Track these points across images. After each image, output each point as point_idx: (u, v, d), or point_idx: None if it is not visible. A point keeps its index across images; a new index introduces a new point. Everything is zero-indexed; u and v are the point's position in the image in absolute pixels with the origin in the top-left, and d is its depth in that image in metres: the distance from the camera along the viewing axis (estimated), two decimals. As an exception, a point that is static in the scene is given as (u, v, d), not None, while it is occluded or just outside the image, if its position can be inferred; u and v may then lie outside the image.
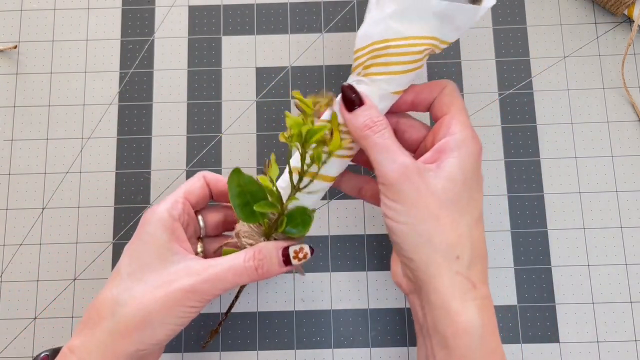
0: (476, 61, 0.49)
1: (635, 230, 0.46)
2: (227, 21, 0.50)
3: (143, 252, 0.35)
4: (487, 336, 0.34)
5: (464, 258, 0.34)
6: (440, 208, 0.34)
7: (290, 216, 0.36)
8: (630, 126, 0.48)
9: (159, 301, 0.33)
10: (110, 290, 0.35)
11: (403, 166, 0.34)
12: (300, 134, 0.34)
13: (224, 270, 0.34)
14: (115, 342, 0.33)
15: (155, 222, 0.36)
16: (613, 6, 0.48)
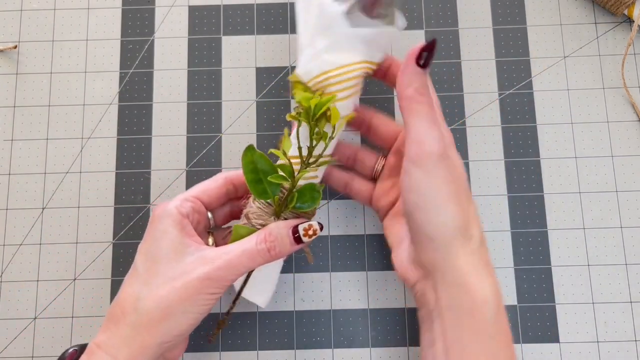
0: (476, 61, 0.49)
1: (635, 230, 0.46)
2: (227, 21, 0.50)
3: (157, 247, 0.36)
4: (501, 313, 0.35)
5: (476, 238, 0.36)
6: (459, 189, 0.35)
7: (300, 192, 0.38)
8: (630, 126, 0.48)
9: (178, 292, 0.35)
10: (130, 287, 0.36)
11: (442, 141, 0.35)
12: (309, 108, 0.36)
13: (238, 256, 0.35)
14: (140, 336, 0.35)
15: (165, 218, 0.37)
16: (613, 6, 0.48)
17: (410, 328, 0.44)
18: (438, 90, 0.48)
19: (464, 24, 0.49)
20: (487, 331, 0.35)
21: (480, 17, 0.50)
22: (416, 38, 0.49)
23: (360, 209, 0.46)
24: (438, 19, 0.50)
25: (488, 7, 0.50)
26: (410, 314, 0.45)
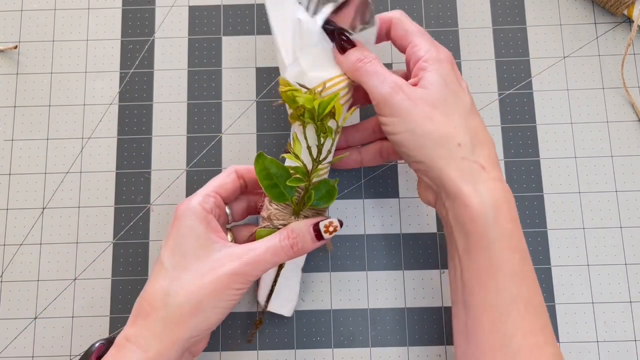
0: (476, 61, 0.49)
1: (635, 230, 0.46)
2: (227, 21, 0.50)
3: (183, 244, 0.37)
4: (502, 218, 0.35)
5: (466, 144, 0.36)
6: (431, 109, 0.37)
7: (316, 189, 0.39)
8: (630, 126, 0.48)
9: (208, 287, 0.35)
10: (158, 283, 0.36)
11: (393, 82, 0.37)
12: (313, 109, 0.37)
13: (263, 252, 0.37)
14: (171, 330, 0.35)
15: (190, 215, 0.37)
16: (613, 6, 0.48)
17: (410, 328, 0.45)
18: (438, 91, 0.48)
19: (464, 24, 0.49)
20: (487, 236, 0.35)
21: (480, 17, 0.50)
22: (416, 38, 0.49)
23: (361, 209, 0.47)
24: (438, 19, 0.50)
25: (488, 7, 0.50)
26: (410, 314, 0.45)
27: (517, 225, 0.36)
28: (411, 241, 0.46)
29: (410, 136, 0.37)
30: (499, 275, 0.35)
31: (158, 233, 0.46)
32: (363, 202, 0.47)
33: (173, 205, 0.47)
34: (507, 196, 0.36)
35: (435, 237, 0.46)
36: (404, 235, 0.46)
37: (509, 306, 0.35)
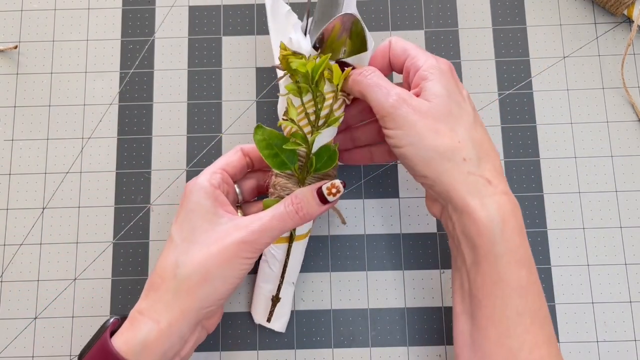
0: (476, 61, 0.49)
1: (635, 230, 0.46)
2: (227, 21, 0.50)
3: (191, 218, 0.38)
4: (508, 232, 0.35)
5: (471, 158, 0.36)
6: (436, 122, 0.37)
7: (317, 155, 0.40)
8: (630, 126, 0.48)
9: (216, 257, 0.36)
10: (168, 256, 0.37)
11: (396, 95, 0.37)
12: (307, 73, 0.37)
13: (269, 219, 0.37)
14: (180, 300, 0.36)
15: (197, 191, 0.38)
16: (613, 6, 0.48)
17: (410, 328, 0.45)
18: (438, 91, 0.48)
19: (464, 24, 0.49)
20: (493, 252, 0.35)
21: (480, 17, 0.50)
22: (416, 38, 0.49)
23: (361, 209, 0.47)
24: (438, 19, 0.50)
25: (488, 7, 0.50)
26: (410, 314, 0.45)
27: (524, 237, 0.37)
28: (411, 241, 0.46)
29: (414, 150, 0.37)
30: (505, 289, 0.35)
31: (158, 233, 0.46)
32: (363, 202, 0.47)
33: (173, 205, 0.47)
34: (514, 209, 0.36)
35: (435, 237, 0.46)
36: (404, 235, 0.46)
37: (516, 320, 0.35)
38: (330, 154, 0.40)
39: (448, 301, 0.45)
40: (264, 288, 0.43)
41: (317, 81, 0.38)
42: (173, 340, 0.36)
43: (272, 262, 0.42)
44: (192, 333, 0.38)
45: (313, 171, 0.40)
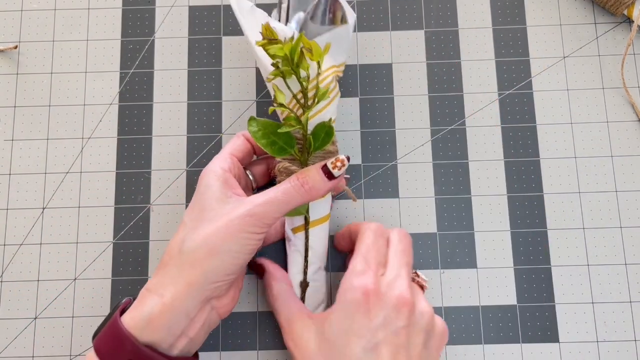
0: (476, 61, 0.49)
1: (635, 230, 0.46)
2: (227, 21, 0.50)
3: (201, 200, 0.38)
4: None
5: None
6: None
7: (314, 135, 0.40)
8: (630, 126, 0.48)
9: (221, 230, 0.36)
10: (177, 236, 0.38)
11: (288, 319, 0.40)
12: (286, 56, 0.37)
13: (274, 193, 0.37)
14: (184, 273, 0.36)
15: (208, 175, 0.39)
16: (613, 6, 0.48)
17: (410, 328, 0.45)
18: (438, 91, 0.48)
19: (464, 24, 0.49)
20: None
21: (480, 17, 0.50)
22: (416, 38, 0.49)
23: (360, 209, 0.47)
24: (438, 19, 0.50)
25: (488, 7, 0.50)
26: (410, 313, 0.45)
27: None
28: (411, 241, 0.46)
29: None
30: None
31: (158, 233, 0.46)
32: (363, 202, 0.47)
33: (173, 205, 0.47)
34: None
35: (435, 237, 0.46)
36: (404, 235, 0.46)
37: None
38: (326, 130, 0.40)
39: (448, 301, 0.45)
40: (297, 279, 0.43)
41: (298, 62, 0.38)
42: (178, 315, 0.36)
43: (301, 246, 0.43)
44: (199, 311, 0.37)
45: (313, 150, 0.40)
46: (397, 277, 0.37)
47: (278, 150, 0.40)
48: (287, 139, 0.40)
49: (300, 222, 0.43)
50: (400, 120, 0.48)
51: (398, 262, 0.38)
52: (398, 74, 0.49)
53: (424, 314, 0.37)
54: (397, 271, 0.37)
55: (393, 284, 0.37)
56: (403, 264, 0.38)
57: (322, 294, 0.43)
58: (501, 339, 0.44)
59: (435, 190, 0.47)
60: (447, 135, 0.48)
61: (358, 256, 0.38)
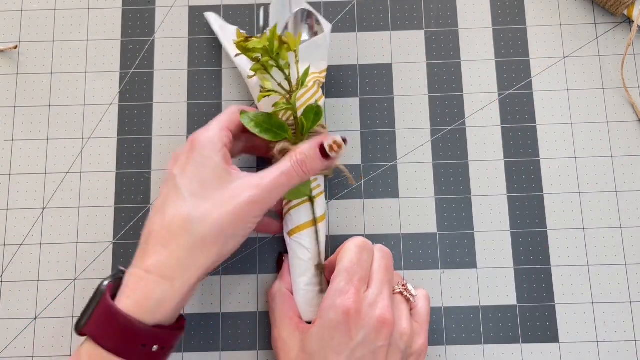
0: (476, 61, 0.49)
1: (635, 230, 0.46)
2: (227, 21, 0.50)
3: (201, 173, 0.38)
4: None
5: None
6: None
7: (305, 115, 0.41)
8: (630, 126, 0.48)
9: (230, 216, 0.36)
10: (177, 210, 0.37)
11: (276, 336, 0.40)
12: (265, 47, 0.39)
13: (277, 176, 0.38)
14: (195, 257, 0.36)
15: (208, 146, 0.38)
16: (613, 6, 0.48)
17: (410, 328, 0.44)
18: (437, 91, 0.48)
19: (464, 24, 0.50)
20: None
21: (480, 17, 0.50)
22: (416, 38, 0.49)
23: (360, 209, 0.47)
24: (438, 19, 0.50)
25: (488, 7, 0.50)
26: (410, 314, 0.45)
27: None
28: (411, 241, 0.46)
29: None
30: None
31: (158, 233, 0.46)
32: (363, 202, 0.47)
33: (173, 205, 0.47)
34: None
35: (435, 237, 0.46)
36: (404, 235, 0.46)
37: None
38: (315, 111, 0.41)
39: (448, 301, 0.45)
40: (301, 283, 0.42)
41: (277, 50, 0.40)
42: (186, 296, 0.36)
43: (300, 252, 0.42)
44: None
45: (305, 132, 0.41)
46: (379, 295, 0.37)
47: (273, 136, 0.41)
48: (279, 124, 0.41)
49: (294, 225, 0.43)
50: (400, 120, 0.48)
51: (381, 279, 0.38)
52: (398, 74, 0.49)
53: (403, 335, 0.37)
54: (380, 289, 0.38)
55: (375, 304, 0.37)
56: (385, 282, 0.38)
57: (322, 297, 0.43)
58: (501, 339, 0.44)
59: (435, 190, 0.47)
60: (447, 135, 0.48)
61: (342, 272, 0.38)
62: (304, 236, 0.42)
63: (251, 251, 0.46)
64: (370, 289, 0.38)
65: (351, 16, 0.50)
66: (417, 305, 0.40)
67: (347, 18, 0.50)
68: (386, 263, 0.39)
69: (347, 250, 0.39)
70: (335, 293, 0.37)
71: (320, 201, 0.43)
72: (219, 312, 0.45)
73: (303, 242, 0.42)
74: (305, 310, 0.42)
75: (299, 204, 0.42)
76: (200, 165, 0.38)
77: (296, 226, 0.42)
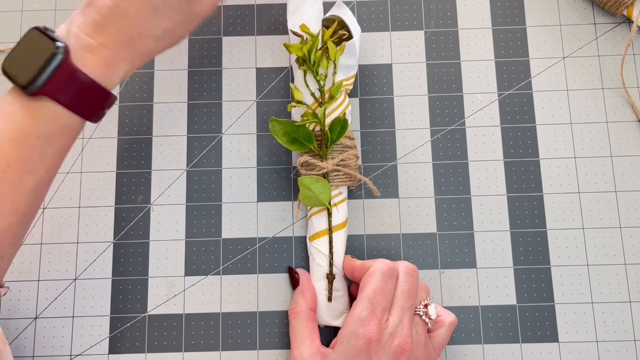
0: (476, 61, 0.49)
1: (634, 230, 0.46)
2: (227, 21, 0.50)
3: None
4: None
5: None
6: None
7: (331, 128, 0.43)
8: (630, 126, 0.48)
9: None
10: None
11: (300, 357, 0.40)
12: (304, 56, 0.42)
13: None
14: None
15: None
16: (612, 7, 0.48)
17: (410, 328, 0.45)
18: (437, 91, 0.48)
19: (464, 24, 0.50)
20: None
21: (479, 18, 0.50)
22: (416, 38, 0.49)
23: (361, 209, 0.47)
24: (438, 19, 0.50)
25: (488, 7, 0.50)
26: (410, 313, 0.45)
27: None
28: (411, 241, 0.46)
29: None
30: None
31: (158, 233, 0.46)
32: (363, 202, 0.47)
33: (173, 205, 0.47)
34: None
35: (435, 237, 0.46)
36: (404, 235, 0.46)
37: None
38: (342, 124, 0.42)
39: (448, 301, 0.45)
40: (319, 287, 0.43)
41: (316, 60, 0.41)
42: (134, 69, 0.39)
43: (319, 258, 0.43)
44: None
45: (331, 144, 0.43)
46: (400, 324, 0.38)
47: (299, 146, 0.43)
48: (306, 135, 0.42)
49: (314, 231, 0.44)
50: (400, 120, 0.48)
51: (402, 305, 0.39)
52: (398, 74, 0.49)
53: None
54: (400, 317, 0.38)
55: (395, 332, 0.38)
56: (406, 308, 0.39)
57: (343, 303, 0.43)
58: (501, 339, 0.44)
59: (435, 190, 0.47)
60: (447, 136, 0.48)
61: (364, 300, 0.38)
62: (323, 243, 0.43)
63: (251, 251, 0.46)
64: (392, 317, 0.38)
65: (351, 16, 0.50)
66: (437, 331, 0.40)
67: (347, 18, 0.50)
68: (409, 287, 0.39)
69: (371, 278, 0.39)
70: (357, 321, 0.38)
71: (341, 208, 0.44)
72: (219, 312, 0.45)
73: (321, 249, 0.43)
74: (322, 311, 0.43)
75: (320, 210, 0.43)
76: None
77: (316, 232, 0.43)
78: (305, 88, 0.43)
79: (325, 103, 0.43)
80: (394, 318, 0.38)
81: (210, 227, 0.46)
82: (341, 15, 0.44)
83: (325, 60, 0.42)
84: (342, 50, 0.42)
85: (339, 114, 0.44)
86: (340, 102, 0.44)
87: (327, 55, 0.42)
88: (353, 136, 0.45)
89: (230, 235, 0.46)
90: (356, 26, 0.45)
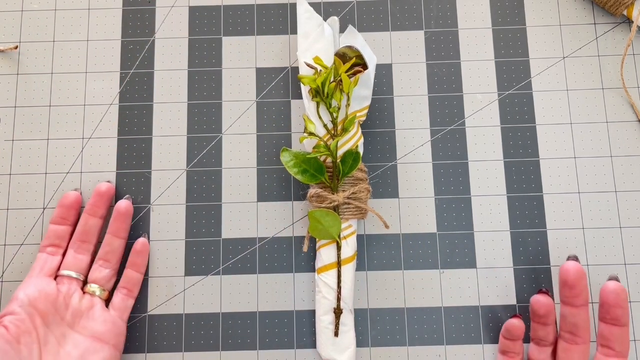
0: (475, 61, 0.49)
1: (634, 230, 0.46)
2: (227, 21, 0.50)
3: None
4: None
5: None
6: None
7: (343, 161, 0.43)
8: (630, 126, 0.48)
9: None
10: None
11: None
12: (318, 87, 0.41)
13: None
14: None
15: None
16: (612, 7, 0.48)
17: (409, 327, 0.45)
18: (437, 91, 0.48)
19: (464, 25, 0.50)
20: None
21: (479, 18, 0.50)
22: (416, 38, 0.49)
23: (360, 209, 0.47)
24: (438, 19, 0.50)
25: (487, 7, 0.50)
26: (410, 313, 0.45)
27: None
28: (411, 241, 0.46)
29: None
30: None
31: (158, 233, 0.46)
32: (363, 202, 0.47)
33: (173, 205, 0.47)
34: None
35: (435, 237, 0.46)
36: (404, 235, 0.46)
37: None
38: (354, 157, 0.42)
39: (448, 301, 0.45)
40: (324, 321, 0.43)
41: (329, 92, 0.41)
42: None
43: (326, 291, 0.43)
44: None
45: (342, 176, 0.43)
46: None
47: (309, 178, 0.42)
48: (318, 167, 0.42)
49: (322, 263, 0.43)
50: (400, 120, 0.48)
51: None
52: (398, 74, 0.49)
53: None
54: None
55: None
56: None
57: (349, 338, 0.43)
58: (501, 338, 0.44)
59: (435, 190, 0.47)
60: (447, 136, 0.48)
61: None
62: (331, 276, 0.43)
63: (251, 251, 0.46)
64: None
65: (351, 16, 0.50)
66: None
67: (347, 18, 0.50)
68: None
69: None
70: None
71: (350, 241, 0.44)
72: (219, 312, 0.45)
73: (329, 282, 0.43)
74: (324, 345, 0.43)
75: (329, 242, 0.43)
76: None
77: (324, 265, 0.43)
78: (318, 119, 0.43)
79: (338, 136, 0.42)
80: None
81: (210, 227, 0.46)
82: (355, 44, 0.43)
83: (339, 93, 0.42)
84: (356, 82, 0.42)
85: (352, 146, 0.43)
86: (352, 134, 0.43)
87: (340, 87, 0.42)
88: (365, 168, 0.45)
89: (230, 235, 0.46)
90: (371, 55, 0.44)
